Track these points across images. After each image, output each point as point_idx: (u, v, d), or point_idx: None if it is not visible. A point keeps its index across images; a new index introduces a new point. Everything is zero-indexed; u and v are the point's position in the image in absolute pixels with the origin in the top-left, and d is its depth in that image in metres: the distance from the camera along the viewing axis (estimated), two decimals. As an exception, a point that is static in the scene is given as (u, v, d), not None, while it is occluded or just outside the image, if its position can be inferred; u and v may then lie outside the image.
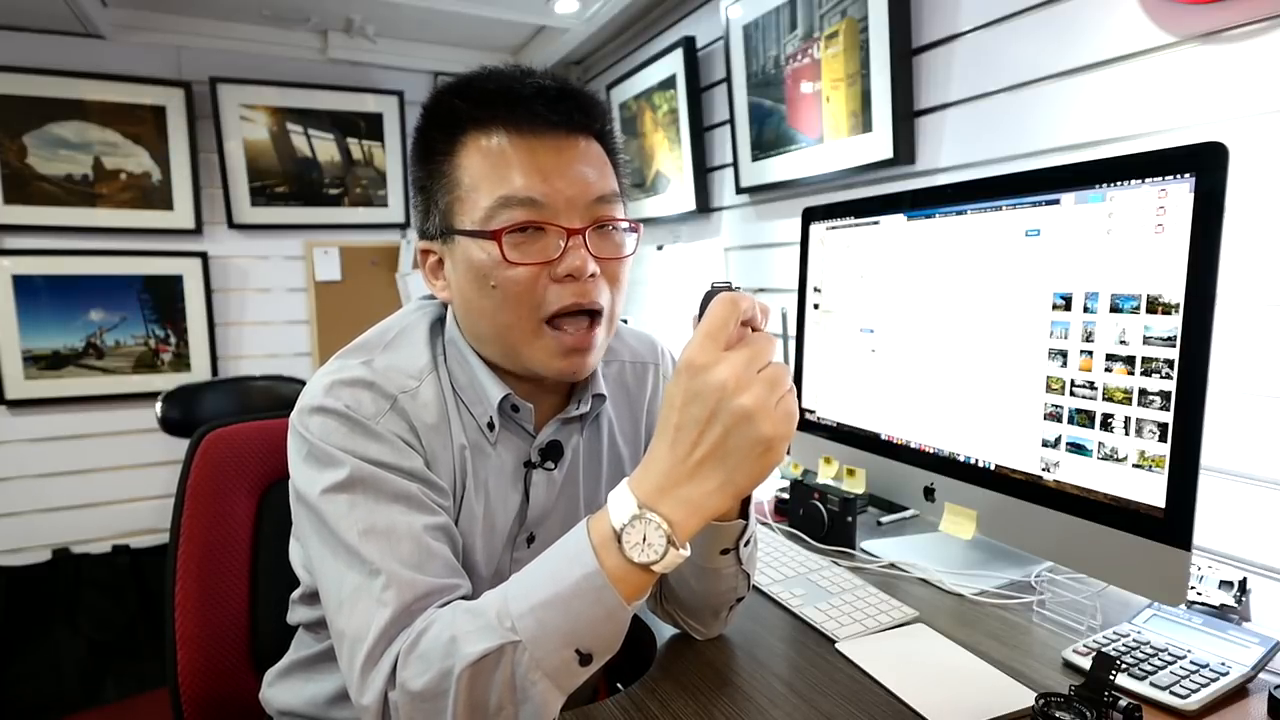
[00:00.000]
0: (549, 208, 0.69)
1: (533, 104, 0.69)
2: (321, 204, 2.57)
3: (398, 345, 0.77)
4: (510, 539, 0.80)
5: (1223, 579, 0.90)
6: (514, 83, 0.71)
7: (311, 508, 0.68)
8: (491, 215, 0.69)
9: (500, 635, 0.57)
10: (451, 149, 0.72)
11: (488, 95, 0.71)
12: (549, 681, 0.58)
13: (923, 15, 1.37)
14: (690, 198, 2.10)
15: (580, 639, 0.57)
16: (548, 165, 0.70)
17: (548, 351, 0.72)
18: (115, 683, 2.25)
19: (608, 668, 1.00)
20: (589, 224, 0.71)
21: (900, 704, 0.74)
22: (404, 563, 0.64)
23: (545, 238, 0.70)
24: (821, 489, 1.20)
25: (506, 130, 0.70)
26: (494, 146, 0.70)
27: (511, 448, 0.79)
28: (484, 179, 0.70)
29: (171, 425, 1.70)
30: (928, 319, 1.08)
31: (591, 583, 0.57)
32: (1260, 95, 0.92)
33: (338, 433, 0.69)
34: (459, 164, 0.71)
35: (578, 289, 0.70)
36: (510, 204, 0.69)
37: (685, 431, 0.56)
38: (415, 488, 0.69)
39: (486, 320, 0.73)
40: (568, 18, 2.24)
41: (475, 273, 0.71)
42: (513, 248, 0.69)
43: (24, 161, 2.19)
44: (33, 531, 2.27)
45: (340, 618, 0.64)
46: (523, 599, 0.58)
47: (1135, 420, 0.81)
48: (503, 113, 0.70)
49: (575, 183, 0.70)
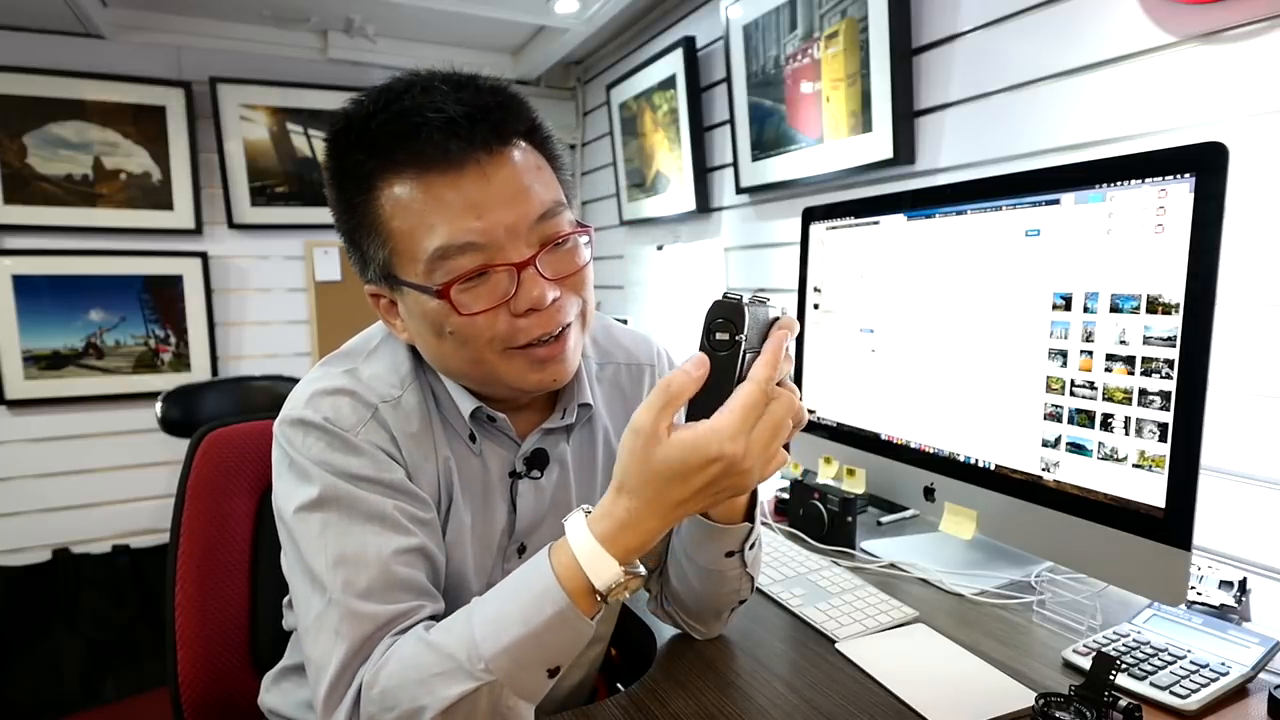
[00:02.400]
0: (490, 246, 0.64)
1: (444, 143, 0.62)
2: (321, 204, 2.51)
3: (380, 353, 0.76)
4: (501, 549, 0.78)
5: (1223, 579, 0.90)
6: (417, 117, 0.62)
7: (286, 525, 0.68)
8: (432, 269, 0.64)
9: (474, 678, 0.58)
10: (370, 198, 0.66)
11: (390, 140, 0.63)
12: (525, 703, 0.61)
13: (923, 15, 1.37)
14: (690, 198, 2.10)
15: (550, 661, 0.60)
16: (478, 198, 0.63)
17: (520, 370, 0.69)
18: (115, 683, 2.25)
19: (608, 668, 1.00)
20: (537, 249, 0.66)
21: (900, 704, 0.74)
22: (363, 594, 0.63)
23: (495, 276, 0.65)
24: (821, 489, 1.20)
25: (424, 171, 0.63)
26: (416, 189, 0.64)
27: (497, 457, 0.77)
28: (416, 228, 0.64)
29: (171, 425, 1.70)
30: (928, 319, 1.08)
31: (563, 617, 0.59)
32: (1260, 95, 0.92)
33: (316, 447, 0.68)
34: (383, 213, 0.65)
35: (541, 318, 0.67)
36: (449, 254, 0.63)
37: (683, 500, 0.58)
38: (391, 506, 0.67)
39: (453, 359, 0.70)
40: (568, 18, 2.24)
41: (430, 322, 0.67)
42: (463, 295, 0.64)
43: (24, 161, 2.18)
44: (33, 531, 2.27)
45: (307, 641, 0.65)
46: (493, 639, 0.59)
47: (1135, 420, 0.82)
48: (413, 156, 0.63)
49: (512, 208, 0.64)
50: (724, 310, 0.60)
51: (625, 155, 2.45)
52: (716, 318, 0.60)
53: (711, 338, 0.60)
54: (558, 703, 0.85)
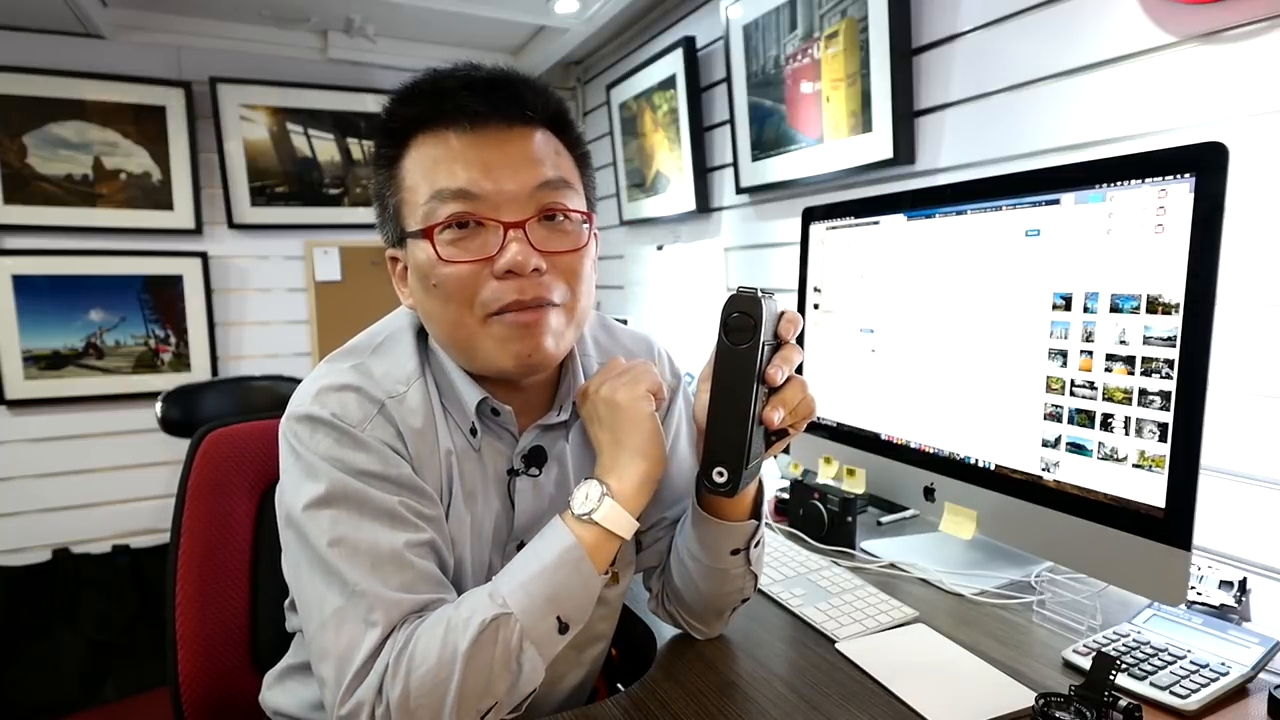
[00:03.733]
0: (486, 201, 0.67)
1: (474, 101, 0.68)
2: (321, 204, 2.57)
3: (386, 350, 0.76)
4: (499, 546, 0.78)
5: (1223, 579, 0.90)
6: (448, 79, 0.70)
7: (294, 522, 0.68)
8: (429, 213, 0.68)
9: (494, 609, 0.63)
10: (399, 154, 0.71)
11: (430, 96, 0.70)
12: (535, 649, 0.64)
13: (923, 15, 1.37)
14: (690, 198, 2.10)
15: (561, 606, 0.66)
16: (491, 159, 0.68)
17: (497, 340, 0.70)
18: (115, 683, 2.25)
19: (608, 668, 1.00)
20: (532, 215, 0.69)
21: (900, 704, 0.74)
22: (388, 583, 0.64)
23: (483, 233, 0.68)
24: (821, 489, 1.20)
25: (449, 128, 0.69)
26: (435, 144, 0.69)
27: (496, 454, 0.78)
28: (424, 177, 0.69)
29: (171, 425, 1.70)
30: (928, 319, 1.08)
31: (571, 555, 0.66)
32: (1260, 95, 0.92)
33: (324, 442, 0.68)
34: (405, 167, 0.71)
35: (518, 285, 0.68)
36: (443, 197, 0.67)
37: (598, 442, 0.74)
38: (398, 501, 0.68)
39: (435, 321, 0.72)
40: (568, 18, 2.24)
41: (419, 273, 0.71)
42: (447, 244, 0.68)
43: (24, 161, 2.18)
44: (33, 531, 2.27)
45: (325, 636, 0.64)
46: (510, 578, 0.66)
47: (1135, 420, 0.82)
48: (447, 109, 0.68)
49: (517, 174, 0.68)
50: (741, 304, 0.60)
51: (625, 155, 2.45)
52: (733, 311, 0.60)
53: (729, 331, 0.61)
54: (558, 703, 0.85)
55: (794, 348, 0.66)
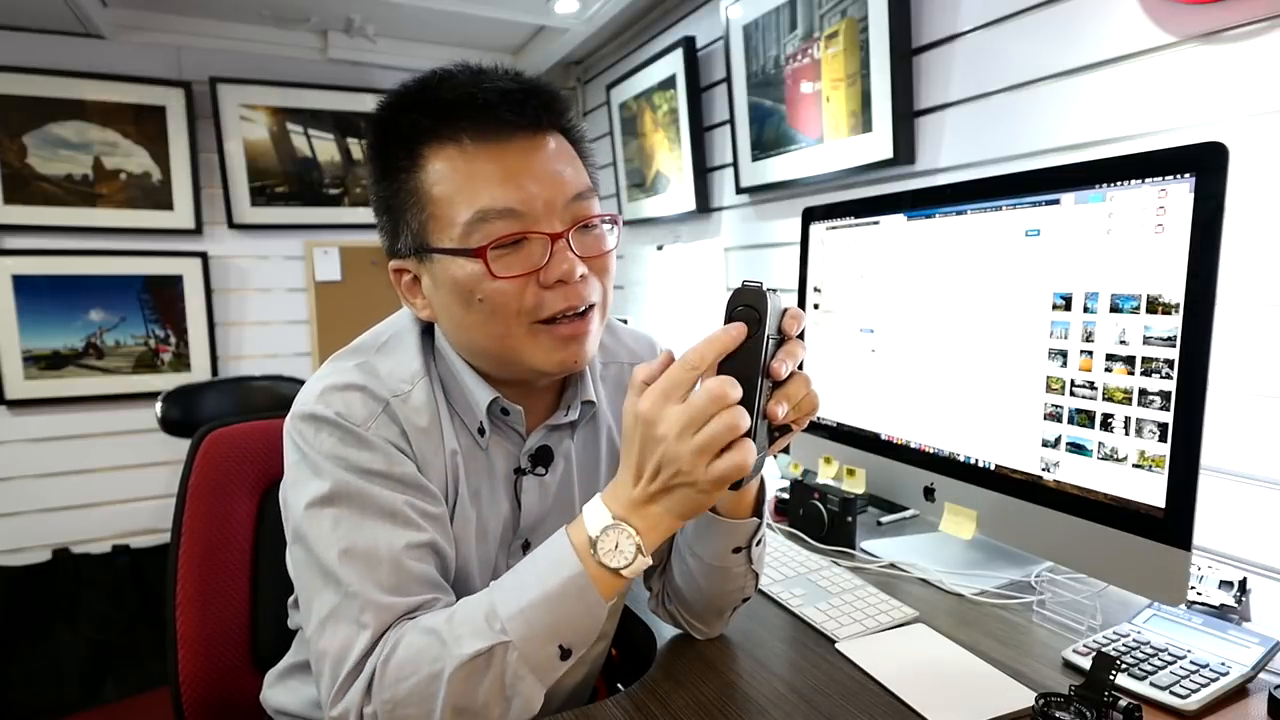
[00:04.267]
0: (528, 215, 0.67)
1: (498, 110, 0.66)
2: (321, 204, 2.57)
3: (391, 349, 0.77)
4: (505, 545, 0.79)
5: (1223, 579, 0.90)
6: (473, 88, 0.67)
7: (297, 520, 0.68)
8: (470, 231, 0.67)
9: (491, 637, 0.60)
10: (415, 164, 0.69)
11: (448, 105, 0.67)
12: (534, 677, 0.62)
13: (923, 15, 1.37)
14: (690, 198, 2.10)
15: (563, 635, 0.62)
16: (519, 170, 0.67)
17: (545, 348, 0.70)
18: (115, 683, 2.25)
19: (608, 668, 1.00)
20: (570, 225, 0.69)
21: (900, 704, 0.74)
22: (382, 586, 0.64)
23: (529, 246, 0.68)
24: (821, 489, 1.20)
25: (472, 139, 0.67)
26: (462, 158, 0.67)
27: (503, 453, 0.78)
28: (457, 193, 0.67)
29: (171, 425, 1.70)
30: (928, 319, 1.08)
31: (576, 583, 0.62)
32: (1260, 95, 0.92)
33: (328, 441, 0.69)
34: (426, 180, 0.68)
35: (568, 292, 0.69)
36: (489, 217, 0.66)
37: (643, 472, 0.61)
38: (402, 501, 0.68)
39: (478, 332, 0.71)
40: (568, 18, 2.24)
41: (459, 289, 0.68)
42: (497, 260, 0.67)
43: (24, 161, 2.18)
44: (33, 531, 2.27)
45: (322, 636, 0.65)
46: (511, 602, 0.62)
47: (1135, 420, 0.82)
48: (467, 122, 0.67)
49: (550, 185, 0.68)
50: (747, 297, 0.60)
51: (625, 155, 2.45)
52: (738, 305, 0.60)
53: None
54: (558, 703, 0.85)
55: (798, 343, 0.65)
